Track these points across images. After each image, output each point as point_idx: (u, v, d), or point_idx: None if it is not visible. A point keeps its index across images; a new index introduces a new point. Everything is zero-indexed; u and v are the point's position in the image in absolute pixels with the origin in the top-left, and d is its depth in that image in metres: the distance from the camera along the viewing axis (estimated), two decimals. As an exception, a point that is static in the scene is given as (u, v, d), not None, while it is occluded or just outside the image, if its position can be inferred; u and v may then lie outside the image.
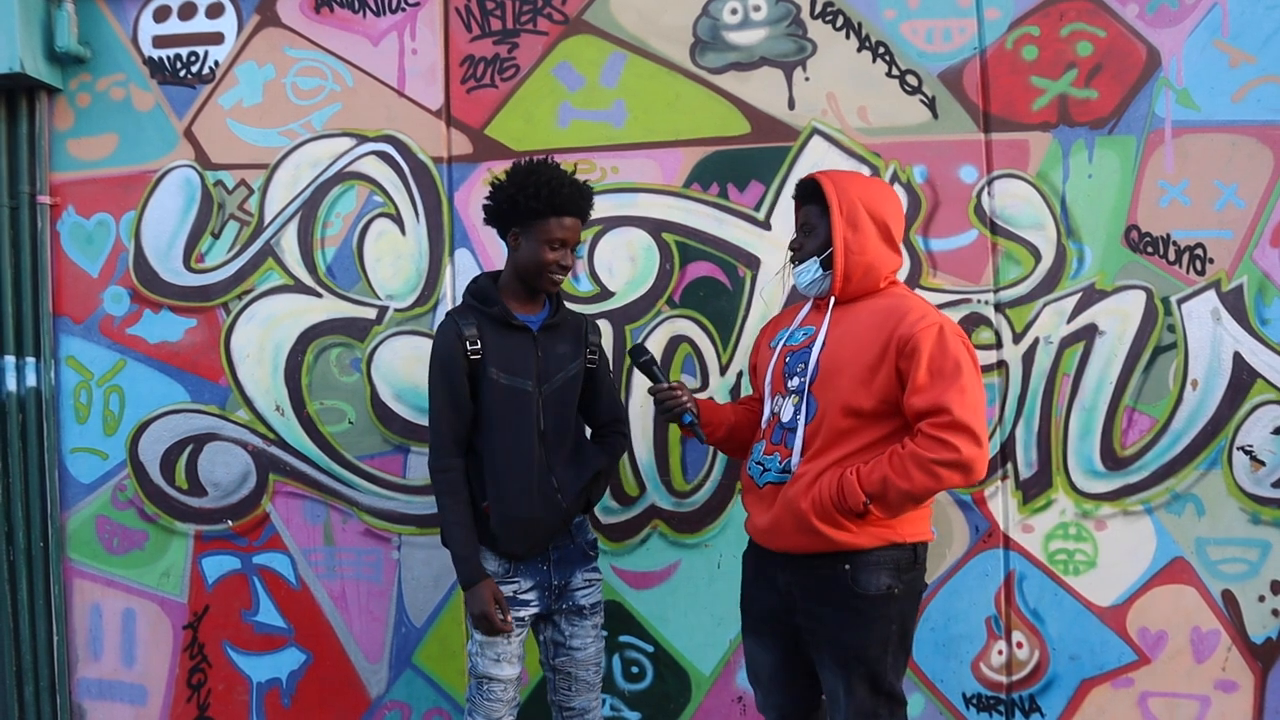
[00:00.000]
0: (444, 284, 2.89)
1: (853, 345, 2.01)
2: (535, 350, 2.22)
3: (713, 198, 2.83)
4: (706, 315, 2.85)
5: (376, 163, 2.93)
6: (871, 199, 2.08)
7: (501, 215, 2.23)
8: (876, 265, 2.05)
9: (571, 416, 2.30)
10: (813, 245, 2.10)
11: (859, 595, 1.99)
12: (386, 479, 2.93)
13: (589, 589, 2.35)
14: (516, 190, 2.17)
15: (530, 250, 2.21)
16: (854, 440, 2.00)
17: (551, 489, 2.23)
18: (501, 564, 2.25)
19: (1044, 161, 2.76)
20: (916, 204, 2.79)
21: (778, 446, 2.08)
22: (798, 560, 2.05)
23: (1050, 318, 2.76)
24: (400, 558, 2.92)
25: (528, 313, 2.28)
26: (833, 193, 2.05)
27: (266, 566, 2.97)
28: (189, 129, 3.01)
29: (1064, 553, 2.78)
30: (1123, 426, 2.75)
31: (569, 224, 2.20)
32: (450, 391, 2.21)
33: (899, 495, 1.91)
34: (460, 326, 2.22)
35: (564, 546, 2.30)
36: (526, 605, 2.27)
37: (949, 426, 1.87)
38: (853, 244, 2.04)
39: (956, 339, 1.97)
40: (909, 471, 1.89)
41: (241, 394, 2.98)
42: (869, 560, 1.99)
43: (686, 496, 2.88)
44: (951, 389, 1.89)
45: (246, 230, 2.98)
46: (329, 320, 2.94)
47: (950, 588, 2.80)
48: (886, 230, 2.07)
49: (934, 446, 1.88)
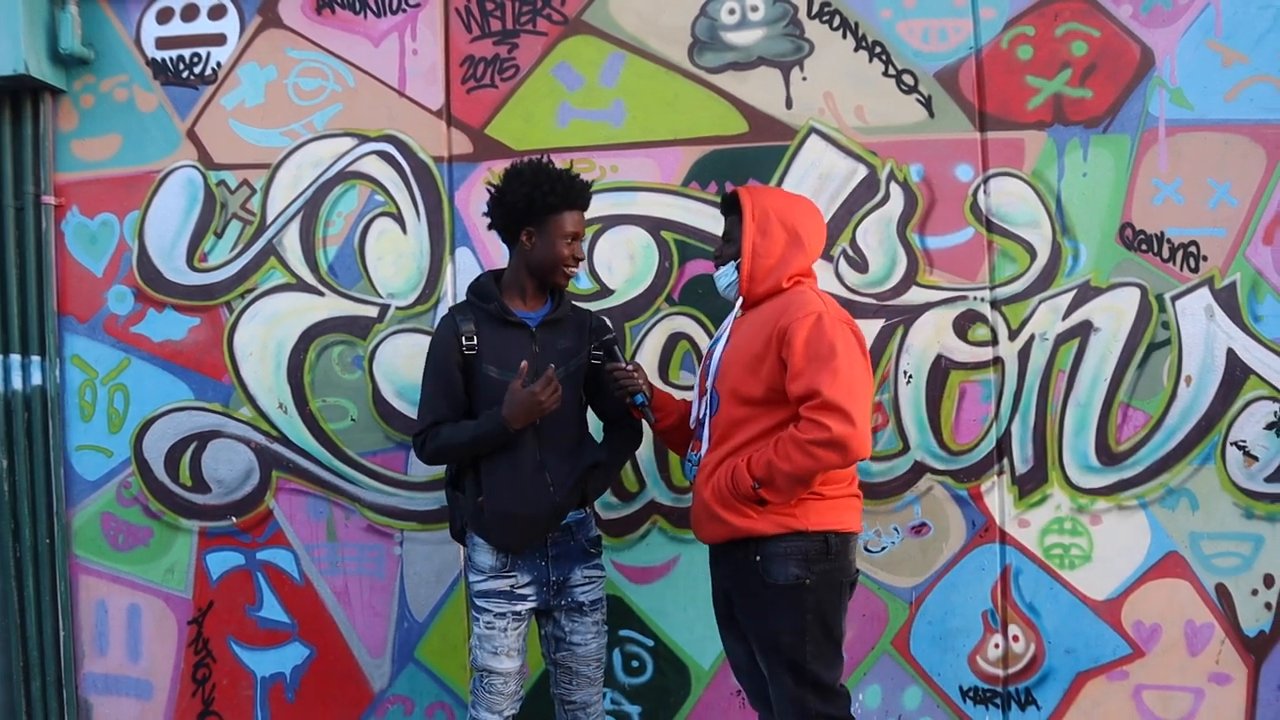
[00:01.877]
0: (445, 282, 2.91)
1: (746, 339, 2.10)
2: (532, 346, 2.23)
3: (711, 196, 2.85)
4: (705, 313, 2.87)
5: (378, 162, 2.94)
6: (785, 209, 2.17)
7: (516, 215, 2.23)
8: (779, 267, 2.12)
9: (572, 411, 2.30)
10: (730, 251, 2.22)
11: (769, 585, 2.04)
12: (388, 475, 2.94)
13: (589, 586, 2.36)
14: (532, 188, 2.19)
15: (546, 246, 2.23)
16: (749, 428, 2.06)
17: (544, 484, 2.23)
18: (498, 558, 2.26)
19: (1039, 160, 2.78)
20: (913, 202, 2.81)
21: (697, 441, 2.21)
22: (720, 551, 2.14)
23: (1046, 315, 2.78)
24: (402, 553, 2.93)
25: (530, 309, 2.29)
26: (748, 203, 2.16)
27: (270, 562, 2.98)
28: (192, 129, 3.01)
29: (1059, 547, 2.80)
30: (1118, 422, 2.78)
31: (579, 217, 2.25)
32: (441, 382, 2.24)
33: (783, 478, 1.97)
34: (457, 323, 2.26)
35: (563, 543, 2.31)
36: (524, 599, 2.28)
37: (820, 407, 1.93)
38: (760, 248, 2.13)
39: (836, 325, 2.02)
40: (789, 453, 1.96)
41: (244, 392, 2.99)
42: (776, 550, 2.03)
43: (686, 492, 2.89)
44: (824, 371, 1.95)
45: (249, 230, 2.98)
46: (331, 318, 2.95)
47: (947, 582, 2.83)
48: (795, 235, 2.14)
49: (808, 428, 1.94)
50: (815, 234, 2.25)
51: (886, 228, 2.82)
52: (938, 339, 2.81)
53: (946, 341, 2.81)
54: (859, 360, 2.06)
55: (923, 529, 2.81)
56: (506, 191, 2.24)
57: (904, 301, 2.81)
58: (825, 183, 2.78)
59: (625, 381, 2.29)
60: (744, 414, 2.11)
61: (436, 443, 2.24)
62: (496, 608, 2.27)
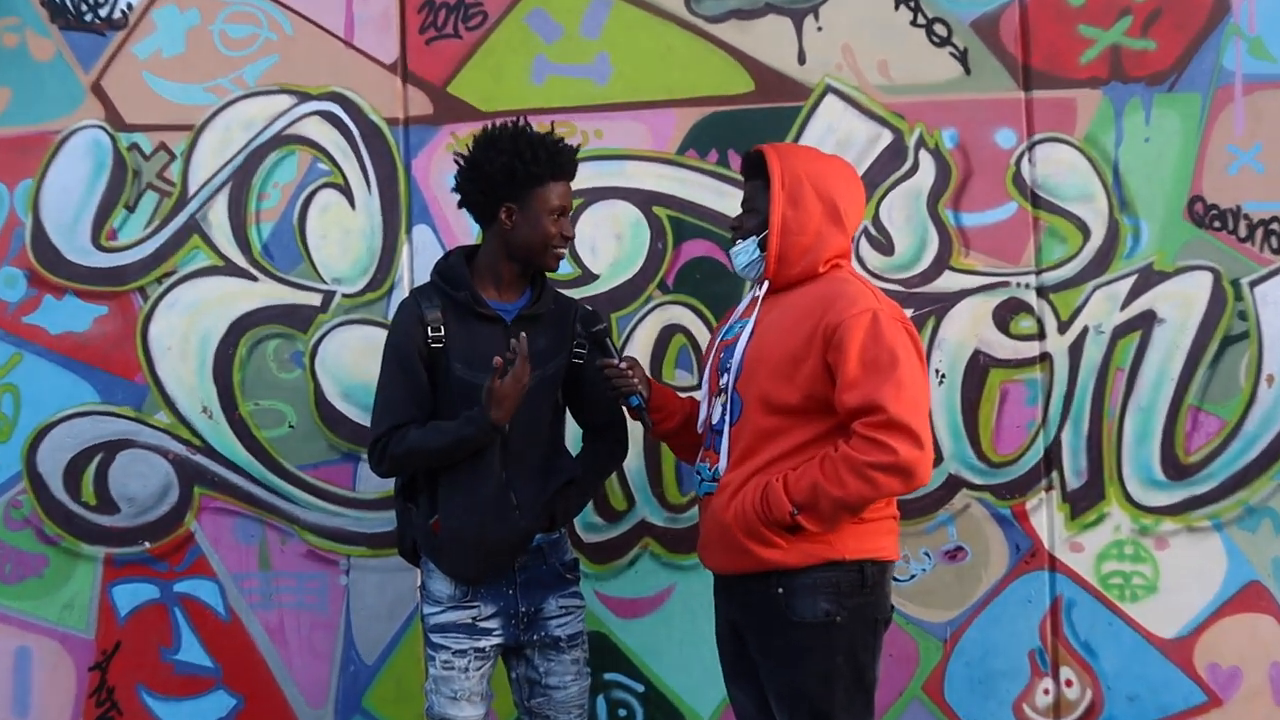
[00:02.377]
0: (400, 265, 2.79)
1: (777, 335, 2.03)
2: (506, 344, 2.13)
3: (711, 166, 2.74)
4: (704, 301, 2.75)
5: (320, 124, 2.81)
6: (821, 175, 2.08)
7: (493, 190, 2.15)
8: (816, 247, 2.06)
9: (544, 421, 2.24)
10: (752, 224, 2.13)
11: (794, 623, 1.97)
12: (333, 492, 2.82)
13: (566, 618, 2.25)
14: (512, 157, 2.12)
15: (531, 224, 2.16)
16: (780, 442, 2.00)
17: (508, 505, 2.16)
18: (457, 586, 2.18)
19: (1093, 123, 2.67)
20: (946, 173, 2.69)
21: (709, 452, 2.12)
22: (733, 584, 2.07)
23: (1101, 304, 2.67)
24: (349, 584, 2.80)
25: (505, 299, 2.22)
26: (776, 166, 2.06)
27: (190, 595, 2.83)
28: (97, 83, 2.86)
29: (1119, 575, 2.67)
30: (1186, 429, 2.66)
31: (566, 189, 2.19)
32: (405, 378, 2.17)
33: (831, 504, 1.90)
34: (422, 309, 2.18)
35: (533, 568, 2.22)
36: (488, 635, 2.18)
37: (884, 426, 1.87)
38: (792, 222, 2.04)
39: (894, 326, 1.97)
40: (841, 477, 1.89)
41: (161, 393, 2.84)
42: (803, 583, 1.96)
43: (682, 510, 2.75)
44: (886, 384, 1.89)
45: (167, 202, 2.84)
46: (265, 307, 2.83)
47: (987, 617, 2.69)
48: (834, 210, 2.06)
49: (868, 449, 1.88)
50: (855, 206, 2.14)
51: (915, 202, 2.71)
52: (975, 332, 2.69)
53: (985, 335, 2.69)
54: (920, 370, 1.99)
55: (958, 554, 2.69)
56: (481, 162, 2.16)
57: (935, 289, 2.70)
58: (843, 150, 2.64)
59: (619, 381, 2.19)
60: (774, 424, 2.01)
61: (403, 447, 2.14)
62: (456, 643, 2.17)
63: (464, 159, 2.19)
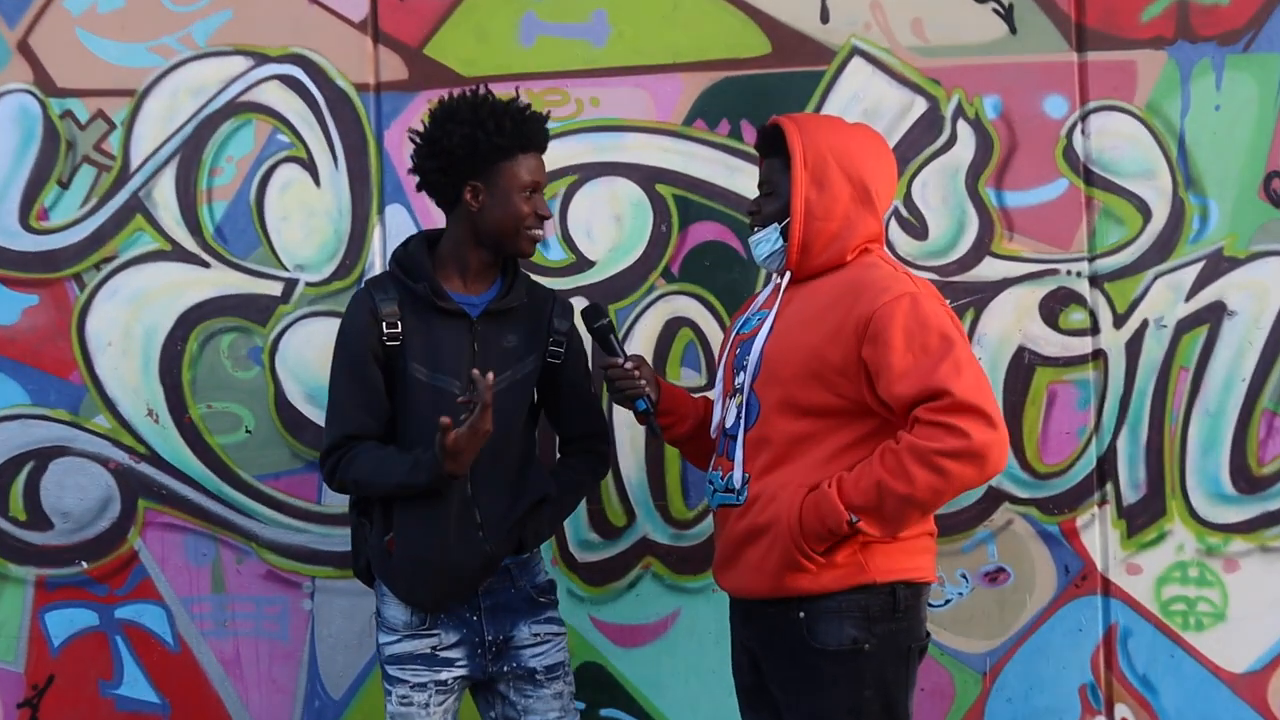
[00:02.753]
0: (371, 250, 2.70)
1: (800, 330, 1.97)
2: (471, 343, 2.10)
3: (722, 139, 2.66)
4: (714, 292, 2.68)
5: (280, 90, 2.72)
6: (848, 150, 2.00)
7: (454, 167, 2.09)
8: (843, 233, 1.99)
9: (516, 431, 2.16)
10: (772, 208, 2.04)
11: (815, 650, 1.91)
12: (296, 505, 2.73)
13: (542, 647, 2.16)
14: (473, 128, 2.05)
15: (502, 204, 2.09)
16: (814, 448, 1.93)
17: (472, 525, 2.08)
18: (413, 612, 2.11)
19: (1156, 89, 2.58)
20: (987, 146, 2.60)
21: (722, 459, 2.06)
22: (751, 607, 2.02)
23: (1163, 294, 2.59)
24: (314, 608, 2.72)
25: (471, 292, 2.15)
26: (796, 141, 1.97)
27: (134, 622, 2.74)
28: (24, 41, 2.77)
29: (1182, 601, 2.60)
30: (1260, 436, 2.58)
31: (538, 163, 2.13)
32: (356, 382, 2.11)
33: (897, 502, 1.83)
34: (376, 303, 2.11)
35: (499, 591, 2.14)
36: (450, 665, 2.11)
37: (953, 409, 1.80)
38: (816, 205, 1.96)
39: (936, 306, 1.91)
40: (908, 470, 1.81)
41: (101, 394, 2.75)
42: (827, 606, 1.90)
43: (689, 526, 2.68)
44: (943, 364, 1.83)
45: (106, 178, 2.74)
46: (219, 298, 2.74)
47: (1033, 647, 2.61)
48: (864, 191, 1.98)
49: (938, 434, 1.81)
50: (887, 183, 2.04)
51: (952, 180, 2.62)
52: (1019, 326, 2.60)
53: (1031, 329, 2.61)
54: (972, 353, 1.91)
55: (1000, 576, 2.61)
56: (439, 136, 2.09)
57: (975, 277, 2.62)
58: (872, 121, 2.55)
59: (623, 383, 2.10)
60: (805, 429, 1.93)
61: (351, 474, 2.09)
62: (414, 676, 2.11)
63: (420, 135, 2.13)
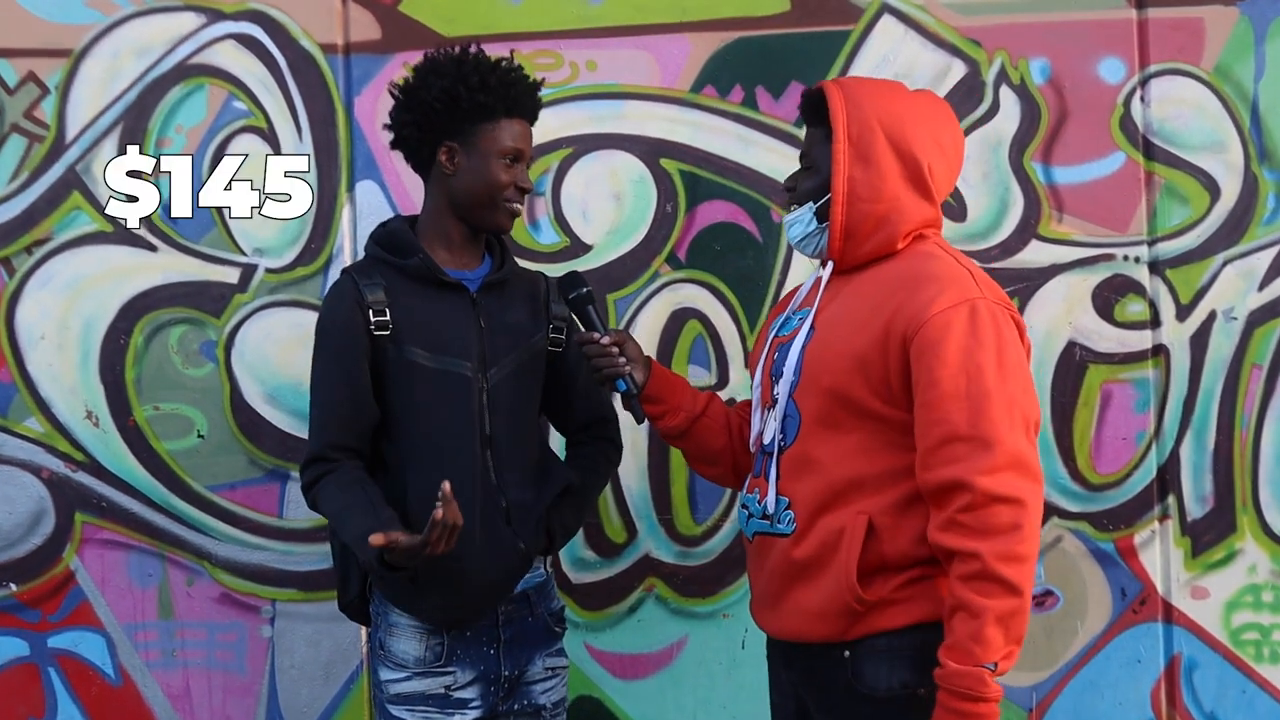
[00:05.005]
0: (339, 232, 2.58)
1: (843, 330, 1.83)
2: (476, 318, 2.00)
3: (735, 107, 2.54)
4: (725, 280, 2.57)
5: (237, 51, 2.58)
6: (901, 121, 1.83)
7: (431, 123, 2.00)
8: (892, 218, 1.83)
9: (532, 415, 2.09)
10: (809, 185, 1.90)
11: (862, 696, 1.80)
12: (253, 519, 2.60)
13: (551, 681, 2.08)
14: (454, 82, 1.97)
15: (477, 168, 2.00)
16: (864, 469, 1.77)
17: (500, 518, 1.98)
18: (429, 645, 1.99)
19: (1226, 50, 2.44)
20: (1034, 116, 2.47)
21: (758, 480, 1.93)
22: (794, 649, 1.90)
23: (1233, 282, 2.46)
24: (274, 636, 2.58)
25: (461, 267, 2.06)
26: (839, 109, 1.82)
27: (69, 652, 2.59)
28: None
29: (1255, 629, 2.48)
30: None
31: (523, 130, 2.04)
32: (336, 386, 2.01)
33: (998, 616, 1.66)
34: (360, 288, 1.99)
35: (519, 619, 2.03)
36: (464, 708, 2.00)
37: (984, 503, 1.64)
38: (860, 186, 1.81)
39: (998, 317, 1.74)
40: (984, 589, 1.66)
41: (33, 394, 2.60)
42: (875, 646, 1.79)
43: (697, 544, 2.57)
44: (977, 433, 1.67)
45: (39, 149, 2.59)
46: (167, 285, 2.59)
47: (1085, 680, 2.49)
48: (916, 169, 1.83)
49: (977, 542, 1.66)
50: (945, 162, 1.85)
51: (994, 153, 2.48)
52: (1069, 318, 2.48)
53: (1083, 322, 2.48)
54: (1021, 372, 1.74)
55: (1048, 600, 2.50)
56: (418, 88, 2.01)
57: (1020, 263, 2.48)
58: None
59: (600, 361, 1.96)
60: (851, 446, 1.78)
61: (321, 505, 2.01)
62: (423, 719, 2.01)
63: (399, 89, 2.03)
